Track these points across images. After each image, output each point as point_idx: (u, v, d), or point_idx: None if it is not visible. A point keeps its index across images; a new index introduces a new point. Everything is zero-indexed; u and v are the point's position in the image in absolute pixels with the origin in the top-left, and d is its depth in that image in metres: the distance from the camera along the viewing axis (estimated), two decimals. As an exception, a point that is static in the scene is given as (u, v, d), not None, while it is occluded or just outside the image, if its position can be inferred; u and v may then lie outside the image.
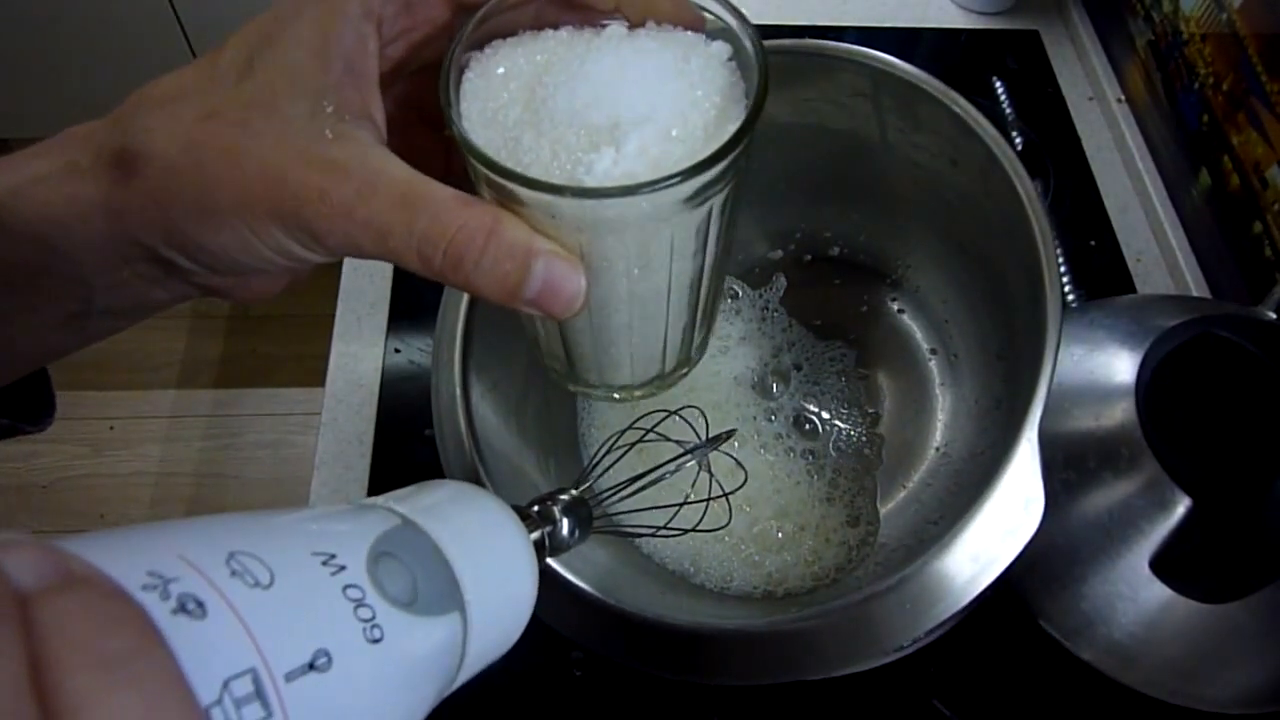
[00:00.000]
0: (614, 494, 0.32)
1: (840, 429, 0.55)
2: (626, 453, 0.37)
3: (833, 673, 0.38)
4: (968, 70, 0.81)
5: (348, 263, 0.67)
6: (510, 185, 0.24)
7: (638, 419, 0.39)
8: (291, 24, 0.24)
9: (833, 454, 0.54)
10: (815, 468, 0.54)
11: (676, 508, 0.39)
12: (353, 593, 0.19)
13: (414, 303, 0.65)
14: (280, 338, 1.54)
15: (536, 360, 0.36)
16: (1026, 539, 0.37)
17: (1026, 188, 0.44)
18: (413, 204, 0.23)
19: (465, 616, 0.22)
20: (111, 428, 1.46)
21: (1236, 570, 0.46)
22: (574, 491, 0.29)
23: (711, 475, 0.41)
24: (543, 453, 0.52)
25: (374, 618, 0.19)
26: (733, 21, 0.28)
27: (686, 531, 0.38)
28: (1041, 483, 0.38)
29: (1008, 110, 0.78)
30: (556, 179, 0.25)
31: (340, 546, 0.19)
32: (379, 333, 0.64)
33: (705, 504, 0.39)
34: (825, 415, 0.55)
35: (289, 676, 0.16)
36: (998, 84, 0.80)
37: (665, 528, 0.37)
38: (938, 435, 0.54)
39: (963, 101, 0.46)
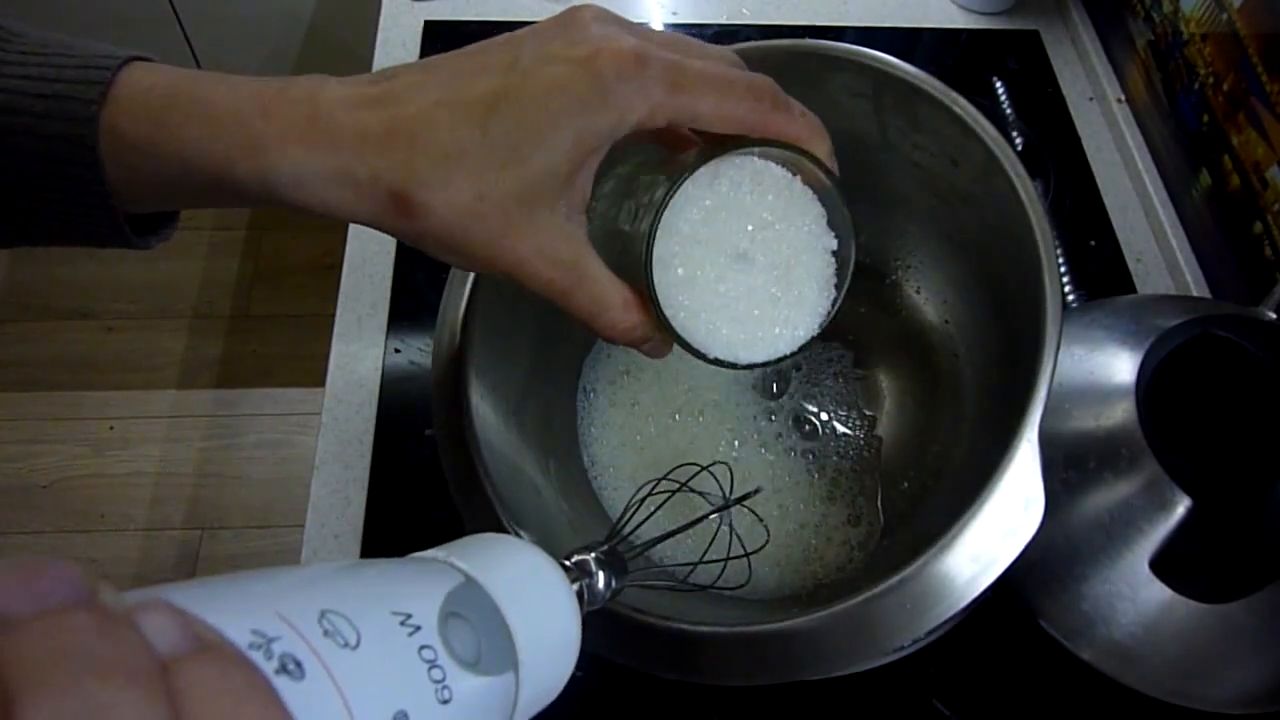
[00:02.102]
0: (642, 550, 0.33)
1: (839, 430, 0.55)
2: (661, 505, 0.38)
3: (832, 673, 0.38)
4: (968, 70, 0.81)
5: (348, 263, 0.67)
6: (675, 336, 0.34)
7: (669, 471, 0.41)
8: (556, 128, 0.29)
9: (833, 455, 0.54)
10: (816, 467, 0.54)
11: (692, 566, 0.40)
12: (427, 654, 0.20)
13: (414, 303, 0.65)
14: (280, 338, 1.54)
15: None
16: (1026, 540, 0.37)
17: (1027, 189, 0.43)
18: (601, 303, 0.32)
19: (518, 675, 0.23)
20: (111, 428, 1.46)
21: (1236, 570, 0.46)
22: (609, 546, 0.30)
23: (733, 531, 0.42)
24: (542, 453, 0.52)
25: (445, 679, 0.19)
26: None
27: (706, 588, 0.39)
28: (1042, 483, 0.38)
29: (1008, 110, 0.78)
30: (704, 346, 0.34)
31: (414, 606, 0.20)
32: (379, 333, 0.64)
33: (724, 562, 0.40)
34: (824, 416, 0.55)
35: None
36: (998, 84, 0.80)
37: (684, 582, 0.38)
38: (938, 435, 0.54)
39: (963, 102, 0.46)
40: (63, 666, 0.13)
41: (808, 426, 0.55)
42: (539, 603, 0.25)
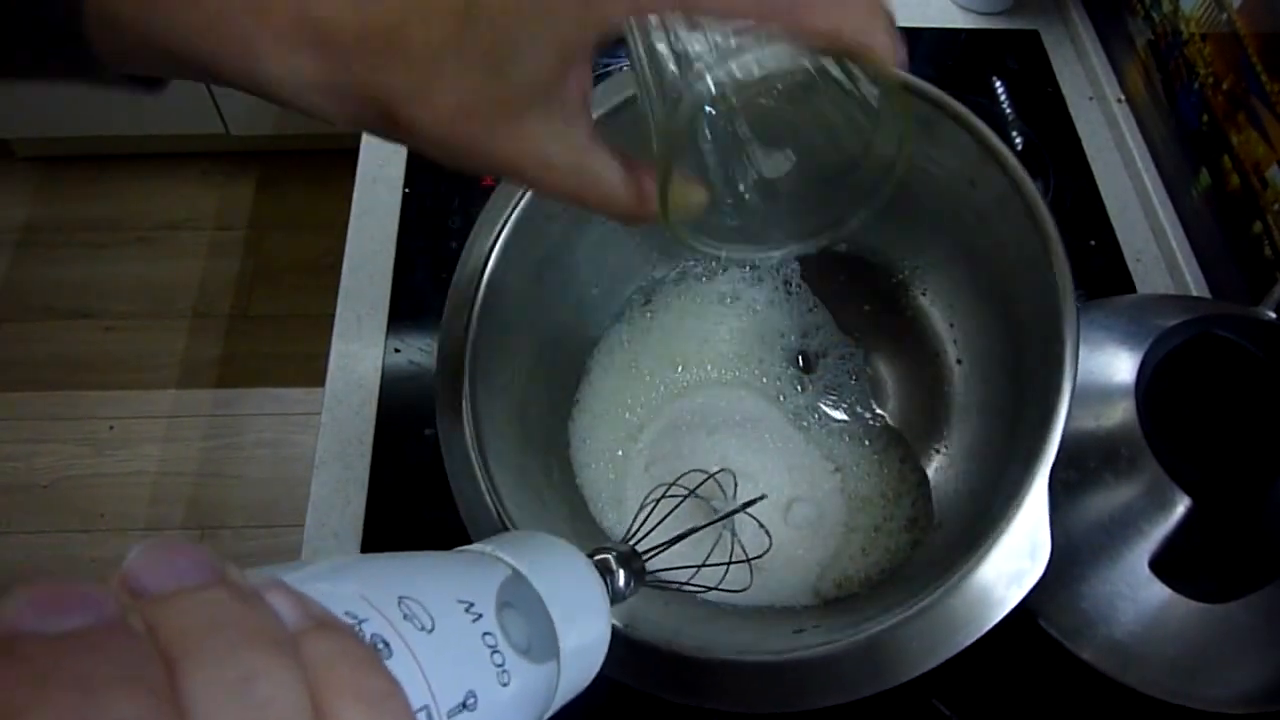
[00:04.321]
0: (655, 552, 0.34)
1: (851, 426, 0.55)
2: (671, 512, 0.39)
3: (835, 703, 0.39)
4: (968, 70, 0.81)
5: (348, 263, 0.67)
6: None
7: (679, 478, 0.43)
8: (532, 39, 0.27)
9: (844, 450, 0.54)
10: (824, 456, 0.54)
11: (697, 568, 0.41)
12: (489, 640, 0.21)
13: (414, 303, 0.65)
14: (280, 338, 1.54)
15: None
16: (1030, 586, 0.38)
17: (1049, 229, 0.43)
18: (611, 203, 0.31)
19: (559, 664, 0.24)
20: (111, 428, 1.46)
21: (1236, 570, 0.46)
22: (627, 547, 0.31)
23: (735, 536, 0.44)
24: (545, 454, 0.52)
25: (504, 663, 0.21)
26: None
27: (711, 589, 0.41)
28: (1049, 530, 0.38)
29: (1008, 110, 0.78)
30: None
31: (475, 595, 0.22)
32: (379, 333, 0.64)
33: (727, 565, 0.42)
34: (839, 415, 0.55)
35: (450, 714, 0.18)
36: (998, 84, 0.80)
37: (690, 583, 0.39)
38: (940, 438, 0.54)
39: (986, 129, 0.46)
40: (216, 635, 0.14)
41: (813, 418, 0.55)
42: (576, 595, 0.26)
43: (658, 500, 0.39)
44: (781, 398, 0.55)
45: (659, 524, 0.38)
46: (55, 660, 0.13)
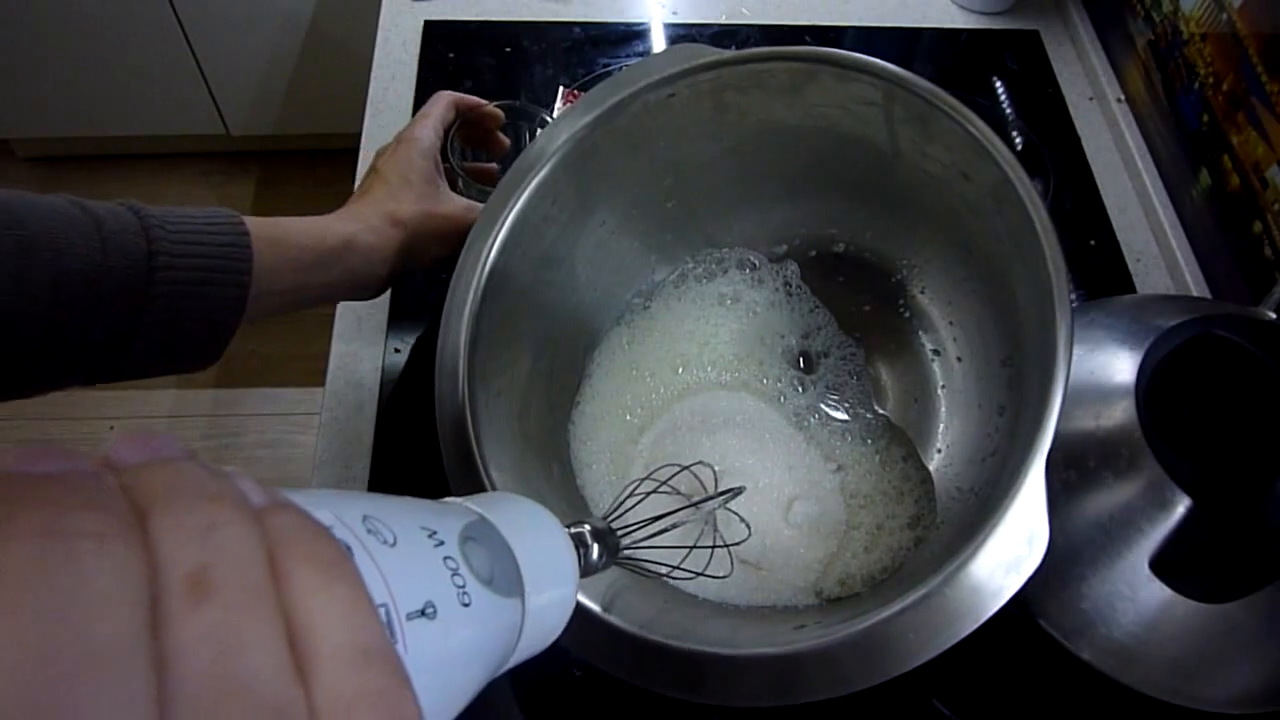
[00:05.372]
0: (632, 531, 0.35)
1: (852, 426, 0.55)
2: (646, 498, 0.40)
3: (831, 695, 0.39)
4: (968, 70, 0.81)
5: (348, 263, 0.67)
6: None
7: (654, 470, 0.44)
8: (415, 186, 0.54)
9: (841, 448, 0.54)
10: (824, 455, 0.54)
11: (687, 550, 0.42)
12: (450, 563, 0.22)
13: (414, 303, 0.65)
14: (280, 338, 1.54)
15: None
16: (1028, 574, 0.37)
17: (1042, 218, 0.43)
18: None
19: (524, 605, 0.25)
20: (111, 427, 1.46)
21: (1236, 570, 0.46)
22: (604, 524, 0.32)
23: (715, 527, 0.45)
24: (545, 456, 0.52)
25: (465, 586, 0.22)
26: None
27: (695, 576, 0.42)
28: (1047, 518, 0.38)
29: (1008, 110, 0.78)
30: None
31: (439, 526, 0.23)
32: (379, 333, 0.64)
33: (711, 550, 0.43)
34: (836, 415, 0.55)
35: (409, 616, 0.20)
36: (998, 84, 0.80)
37: (677, 568, 0.40)
38: (938, 437, 0.54)
39: (978, 121, 0.45)
40: (182, 492, 0.16)
41: (819, 417, 0.55)
42: (543, 548, 0.27)
43: (633, 490, 0.40)
44: (782, 399, 0.55)
45: (635, 507, 0.38)
46: (31, 487, 0.14)
